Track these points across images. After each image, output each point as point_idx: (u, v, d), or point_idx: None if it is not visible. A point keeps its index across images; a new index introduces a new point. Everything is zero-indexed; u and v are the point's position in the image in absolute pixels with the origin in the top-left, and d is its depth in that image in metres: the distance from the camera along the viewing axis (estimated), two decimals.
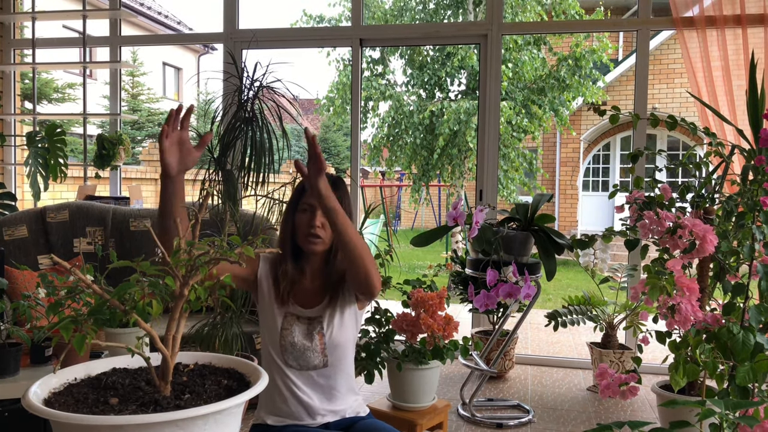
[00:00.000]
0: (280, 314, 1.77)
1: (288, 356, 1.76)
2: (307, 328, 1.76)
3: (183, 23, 18.14)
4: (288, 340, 1.75)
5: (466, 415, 3.20)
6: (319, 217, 1.70)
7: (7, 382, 2.05)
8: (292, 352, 1.75)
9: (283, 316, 1.77)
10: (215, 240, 1.17)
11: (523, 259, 3.02)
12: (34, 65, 4.55)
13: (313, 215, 1.71)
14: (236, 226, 2.90)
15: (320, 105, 10.57)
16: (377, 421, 1.79)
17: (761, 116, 2.82)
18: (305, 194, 1.74)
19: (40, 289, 2.10)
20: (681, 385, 1.90)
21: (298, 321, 1.77)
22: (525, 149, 9.84)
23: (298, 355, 1.75)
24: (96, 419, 0.98)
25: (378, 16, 9.90)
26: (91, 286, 1.08)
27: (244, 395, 1.08)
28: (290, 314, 1.77)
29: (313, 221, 1.70)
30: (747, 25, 3.72)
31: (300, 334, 1.75)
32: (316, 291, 1.80)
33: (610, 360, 3.58)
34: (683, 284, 1.82)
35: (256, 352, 3.04)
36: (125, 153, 4.17)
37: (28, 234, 3.34)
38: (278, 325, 1.76)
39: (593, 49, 9.31)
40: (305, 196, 1.73)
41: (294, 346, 1.75)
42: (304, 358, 1.75)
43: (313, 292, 1.80)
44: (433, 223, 16.10)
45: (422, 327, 2.40)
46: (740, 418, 1.35)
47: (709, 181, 2.59)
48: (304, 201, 1.73)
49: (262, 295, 1.80)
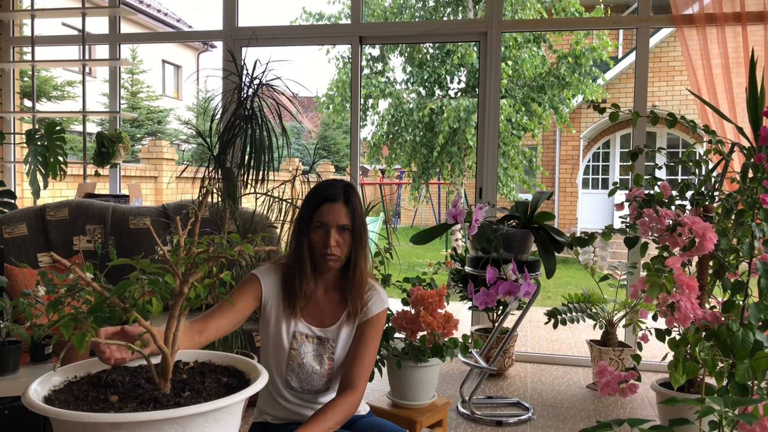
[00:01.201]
0: (288, 333, 1.71)
1: (291, 377, 1.72)
2: (317, 349, 1.72)
3: (182, 21, 18.12)
4: (297, 362, 1.71)
5: (465, 412, 3.21)
6: (334, 236, 1.66)
7: (7, 380, 2.05)
8: (298, 374, 1.71)
9: (292, 336, 1.71)
10: (215, 238, 1.17)
11: (522, 256, 3.02)
12: (33, 63, 4.55)
13: (328, 234, 1.66)
14: (236, 224, 2.90)
15: (320, 103, 10.56)
16: (378, 418, 1.79)
17: (761, 114, 2.82)
18: (317, 212, 1.68)
19: (40, 287, 2.10)
20: (680, 382, 1.90)
21: (307, 340, 1.72)
22: (525, 147, 9.84)
23: (304, 377, 1.72)
24: (96, 417, 0.98)
25: (377, 14, 9.89)
26: (91, 284, 1.08)
27: (243, 393, 1.08)
28: (299, 333, 1.72)
29: (329, 241, 1.65)
30: (747, 23, 3.72)
31: (310, 355, 1.71)
32: (330, 307, 1.75)
33: (610, 358, 3.58)
34: (683, 282, 1.82)
35: (255, 350, 3.04)
36: (125, 151, 4.17)
37: (27, 232, 3.34)
38: (286, 345, 1.71)
39: (593, 46, 9.30)
40: (317, 213, 1.68)
41: (302, 368, 1.71)
42: (308, 381, 1.72)
43: (328, 309, 1.75)
44: (432, 220, 16.11)
45: (422, 325, 2.40)
46: (739, 415, 1.36)
47: (709, 179, 2.59)
48: (316, 219, 1.68)
49: (268, 314, 1.73)
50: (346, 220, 1.67)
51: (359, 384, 1.68)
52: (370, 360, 1.72)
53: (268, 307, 1.72)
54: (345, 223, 1.67)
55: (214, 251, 1.14)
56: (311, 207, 1.70)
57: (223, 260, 1.15)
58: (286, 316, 1.71)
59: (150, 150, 8.85)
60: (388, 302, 1.81)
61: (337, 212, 1.67)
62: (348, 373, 1.70)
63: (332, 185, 1.72)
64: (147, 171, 8.57)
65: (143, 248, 3.36)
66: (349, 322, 1.75)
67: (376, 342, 1.75)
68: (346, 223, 1.67)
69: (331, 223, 1.66)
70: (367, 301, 1.75)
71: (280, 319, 1.72)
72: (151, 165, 8.71)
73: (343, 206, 1.68)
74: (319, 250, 1.67)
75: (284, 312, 1.72)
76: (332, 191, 1.69)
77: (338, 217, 1.67)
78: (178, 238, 1.17)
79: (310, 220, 1.69)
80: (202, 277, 1.14)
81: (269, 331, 1.73)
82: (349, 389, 1.66)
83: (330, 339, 1.73)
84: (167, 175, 8.73)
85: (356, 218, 1.69)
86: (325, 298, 1.76)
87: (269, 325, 1.73)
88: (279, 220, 2.92)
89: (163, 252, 1.13)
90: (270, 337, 1.73)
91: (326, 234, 1.66)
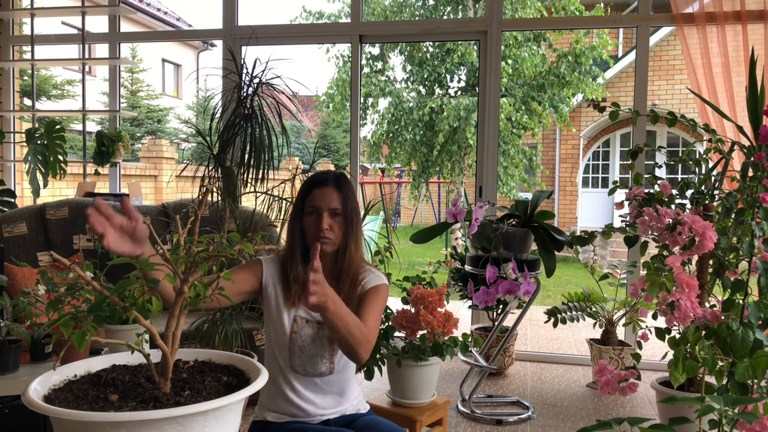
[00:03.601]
0: (289, 317, 1.73)
1: (295, 361, 1.73)
2: (317, 333, 1.73)
3: (182, 20, 18.10)
4: (297, 344, 1.72)
5: (465, 411, 3.21)
6: (326, 219, 1.67)
7: (6, 379, 2.05)
8: (300, 357, 1.72)
9: (293, 320, 1.73)
10: (215, 237, 1.17)
11: (522, 255, 3.02)
12: (33, 62, 4.55)
13: (320, 218, 1.68)
14: (236, 223, 2.90)
15: (320, 102, 10.55)
16: (377, 417, 1.79)
17: (761, 113, 2.82)
18: (309, 197, 1.71)
19: (40, 286, 2.10)
20: (680, 381, 1.90)
21: (308, 324, 1.74)
22: (525, 146, 9.83)
23: (306, 360, 1.72)
24: (96, 416, 0.98)
25: (377, 13, 9.89)
26: (91, 283, 1.08)
27: (243, 392, 1.08)
28: (300, 317, 1.74)
29: (320, 224, 1.67)
30: (747, 22, 3.71)
31: (309, 338, 1.72)
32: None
33: (610, 356, 3.59)
34: (683, 281, 1.82)
35: (255, 348, 3.04)
36: (124, 150, 4.17)
37: (27, 231, 3.34)
38: (287, 329, 1.73)
39: (593, 45, 9.30)
40: (309, 198, 1.71)
41: (303, 351, 1.72)
42: (311, 364, 1.73)
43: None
44: (432, 219, 16.11)
45: (422, 324, 2.40)
46: (739, 414, 1.36)
47: (709, 178, 2.59)
48: (308, 204, 1.71)
49: (268, 299, 1.75)
50: (338, 203, 1.69)
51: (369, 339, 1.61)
52: (374, 321, 1.67)
53: (268, 290, 1.75)
54: (336, 207, 1.69)
55: (214, 250, 1.14)
56: (303, 192, 1.73)
57: (223, 259, 1.15)
58: (285, 302, 1.74)
59: (150, 149, 8.85)
60: (386, 280, 1.80)
61: (328, 196, 1.69)
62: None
63: (324, 173, 1.75)
64: (147, 170, 8.58)
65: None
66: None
67: (376, 307, 1.70)
68: (338, 206, 1.69)
69: (323, 207, 1.68)
70: (362, 281, 1.75)
71: (280, 304, 1.74)
72: (151, 164, 8.71)
73: (335, 190, 1.70)
74: (312, 234, 1.69)
75: (284, 297, 1.74)
76: (323, 176, 1.73)
77: (330, 200, 1.68)
78: (178, 237, 1.17)
79: (302, 206, 1.72)
80: (202, 276, 1.14)
81: (272, 317, 1.75)
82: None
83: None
84: (167, 174, 8.73)
85: (348, 203, 1.70)
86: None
87: (271, 310, 1.75)
88: (279, 218, 2.92)
89: (163, 251, 1.13)
90: (272, 323, 1.75)
91: (318, 217, 1.68)
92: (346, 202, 1.70)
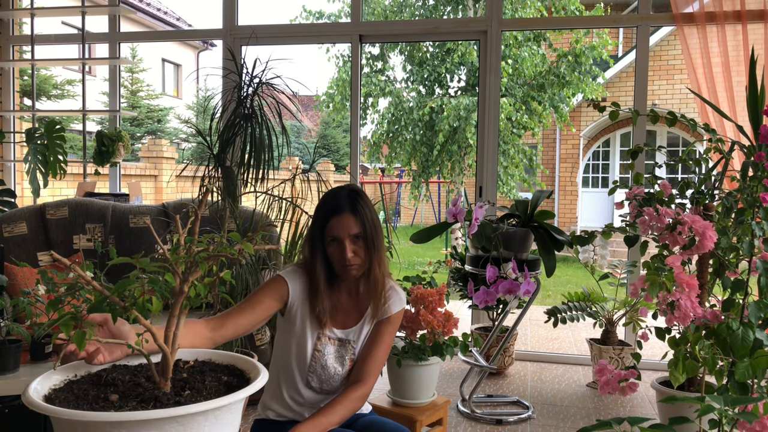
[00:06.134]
0: (313, 335, 1.72)
1: (312, 378, 1.73)
2: (339, 351, 1.74)
3: (182, 19, 18.11)
4: (320, 362, 1.71)
5: (465, 411, 3.21)
6: (349, 247, 1.66)
7: (7, 379, 2.05)
8: (320, 375, 1.72)
9: (317, 338, 1.72)
10: (215, 237, 1.17)
11: (522, 255, 3.02)
12: (33, 62, 4.55)
13: (342, 247, 1.66)
14: (236, 223, 2.90)
15: (320, 101, 10.55)
16: (379, 417, 1.80)
17: (761, 112, 2.82)
18: (327, 227, 1.67)
19: (40, 286, 2.10)
20: (680, 381, 1.90)
21: (330, 341, 1.73)
22: (525, 146, 9.83)
23: (325, 378, 1.72)
24: (96, 416, 0.98)
25: (378, 12, 9.88)
26: (91, 283, 1.08)
27: (243, 392, 1.08)
28: (323, 335, 1.73)
29: (345, 253, 1.65)
30: (747, 21, 3.71)
31: (332, 356, 1.72)
32: (352, 308, 1.77)
33: (610, 356, 3.59)
34: (683, 280, 1.82)
35: (256, 348, 3.04)
36: (124, 149, 4.17)
37: (27, 231, 3.34)
38: (310, 346, 1.71)
39: (593, 45, 9.29)
40: (327, 228, 1.67)
41: (325, 369, 1.72)
42: (329, 383, 1.73)
43: (350, 310, 1.77)
44: (432, 219, 16.11)
45: (422, 323, 2.40)
46: (739, 414, 1.36)
47: (709, 178, 2.59)
48: (328, 234, 1.68)
49: (291, 317, 1.72)
50: (357, 228, 1.66)
51: (369, 379, 1.70)
52: (383, 357, 1.75)
53: (294, 309, 1.72)
54: (356, 232, 1.67)
55: (214, 250, 1.14)
56: (320, 222, 1.69)
57: (223, 259, 1.15)
58: (312, 321, 1.72)
59: (150, 149, 8.84)
60: (404, 302, 1.84)
61: (346, 223, 1.66)
62: (360, 368, 1.72)
63: (337, 195, 1.70)
64: (147, 170, 8.57)
65: (143, 247, 3.36)
66: (370, 322, 1.77)
67: (390, 340, 1.78)
68: (358, 231, 1.67)
69: (343, 236, 1.66)
70: (387, 300, 1.77)
71: (305, 320, 1.72)
72: (151, 164, 8.70)
73: (351, 216, 1.66)
74: (339, 263, 1.68)
75: (311, 316, 1.72)
76: (338, 202, 1.68)
77: (348, 227, 1.66)
78: (178, 237, 1.17)
79: (323, 235, 1.69)
80: (202, 276, 1.14)
81: (294, 330, 1.73)
82: (359, 383, 1.69)
83: (351, 340, 1.75)
84: (167, 174, 8.73)
85: (366, 224, 1.68)
86: (348, 301, 1.78)
87: (294, 324, 1.72)
88: (279, 218, 2.92)
89: (163, 250, 1.13)
90: (294, 337, 1.73)
91: (341, 247, 1.66)
92: (364, 224, 1.67)
